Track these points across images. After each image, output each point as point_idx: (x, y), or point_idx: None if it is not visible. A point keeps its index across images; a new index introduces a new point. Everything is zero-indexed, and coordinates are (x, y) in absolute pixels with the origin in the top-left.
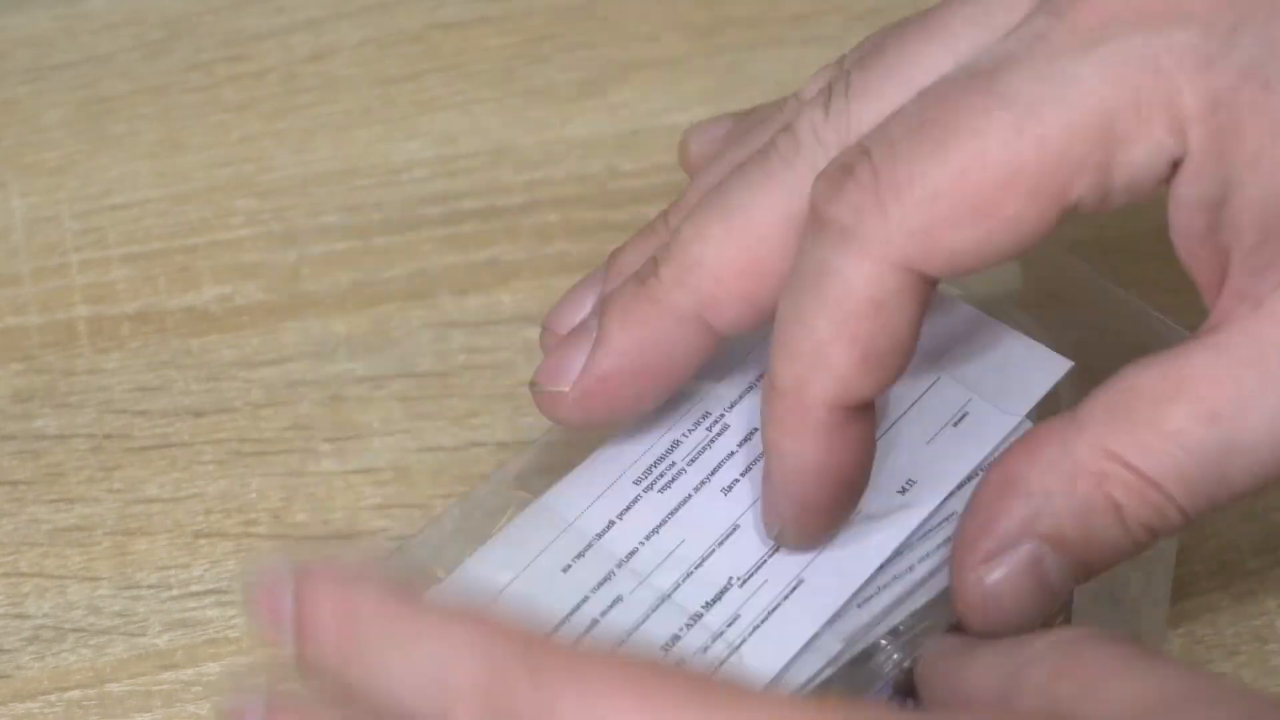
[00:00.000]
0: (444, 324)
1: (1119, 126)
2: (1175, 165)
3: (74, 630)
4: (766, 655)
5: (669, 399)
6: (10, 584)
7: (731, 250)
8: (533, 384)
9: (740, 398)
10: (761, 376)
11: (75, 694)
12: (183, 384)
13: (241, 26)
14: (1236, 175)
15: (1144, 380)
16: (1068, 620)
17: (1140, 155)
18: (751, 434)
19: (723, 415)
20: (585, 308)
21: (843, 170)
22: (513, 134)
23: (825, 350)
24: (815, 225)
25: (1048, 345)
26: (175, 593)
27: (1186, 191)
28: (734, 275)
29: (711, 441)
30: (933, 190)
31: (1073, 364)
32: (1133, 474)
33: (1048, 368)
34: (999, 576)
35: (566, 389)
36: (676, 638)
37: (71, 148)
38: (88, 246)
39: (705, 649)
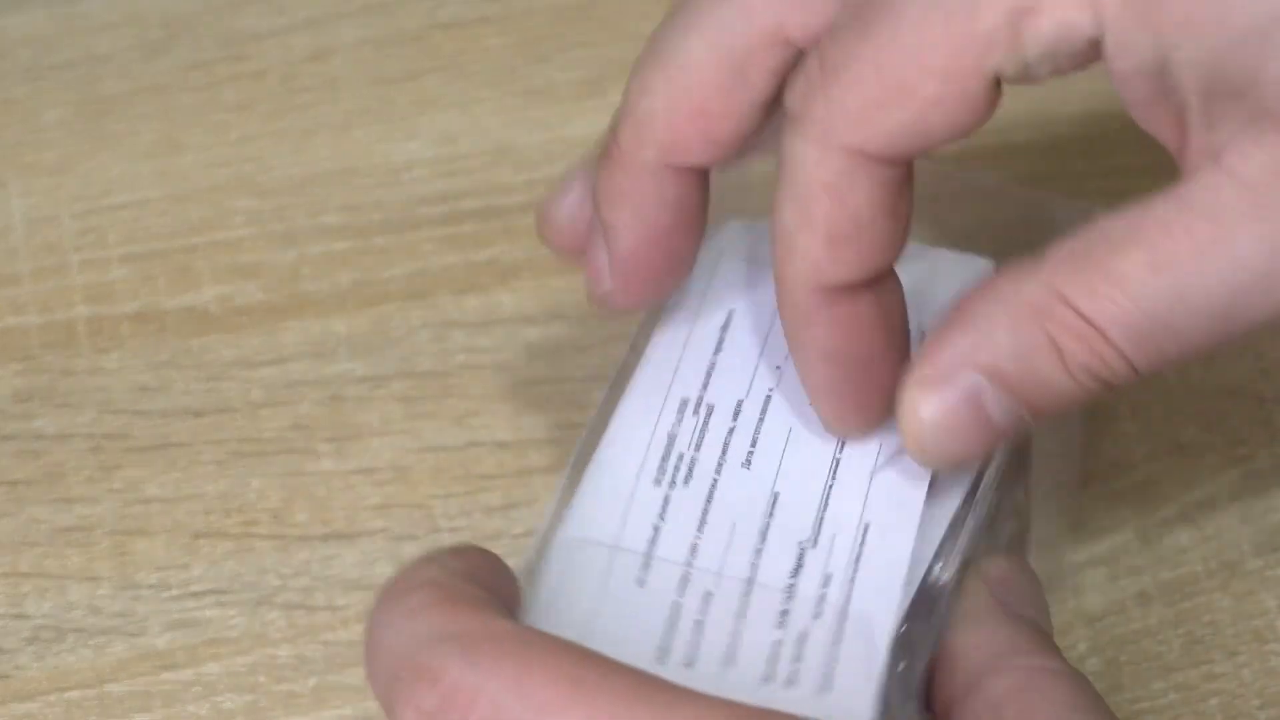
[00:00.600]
0: (444, 324)
1: (1025, 2)
2: (1096, 42)
3: (74, 630)
4: (877, 601)
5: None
6: (10, 584)
7: (676, 97)
8: (589, 297)
9: (709, 375)
10: (717, 351)
11: (75, 694)
12: (183, 384)
13: (241, 26)
14: (1168, 40)
15: (1106, 226)
16: (1027, 475)
17: (1049, 30)
18: (739, 406)
19: (701, 397)
20: (572, 189)
21: (802, 62)
22: (513, 134)
23: (792, 235)
24: (784, 117)
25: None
26: (175, 593)
27: (1120, 65)
28: (685, 121)
29: (704, 424)
30: (858, 75)
31: (992, 261)
32: (1074, 314)
33: (971, 271)
34: (935, 404)
35: (608, 285)
36: (784, 614)
37: (71, 148)
38: (87, 246)
39: (817, 615)
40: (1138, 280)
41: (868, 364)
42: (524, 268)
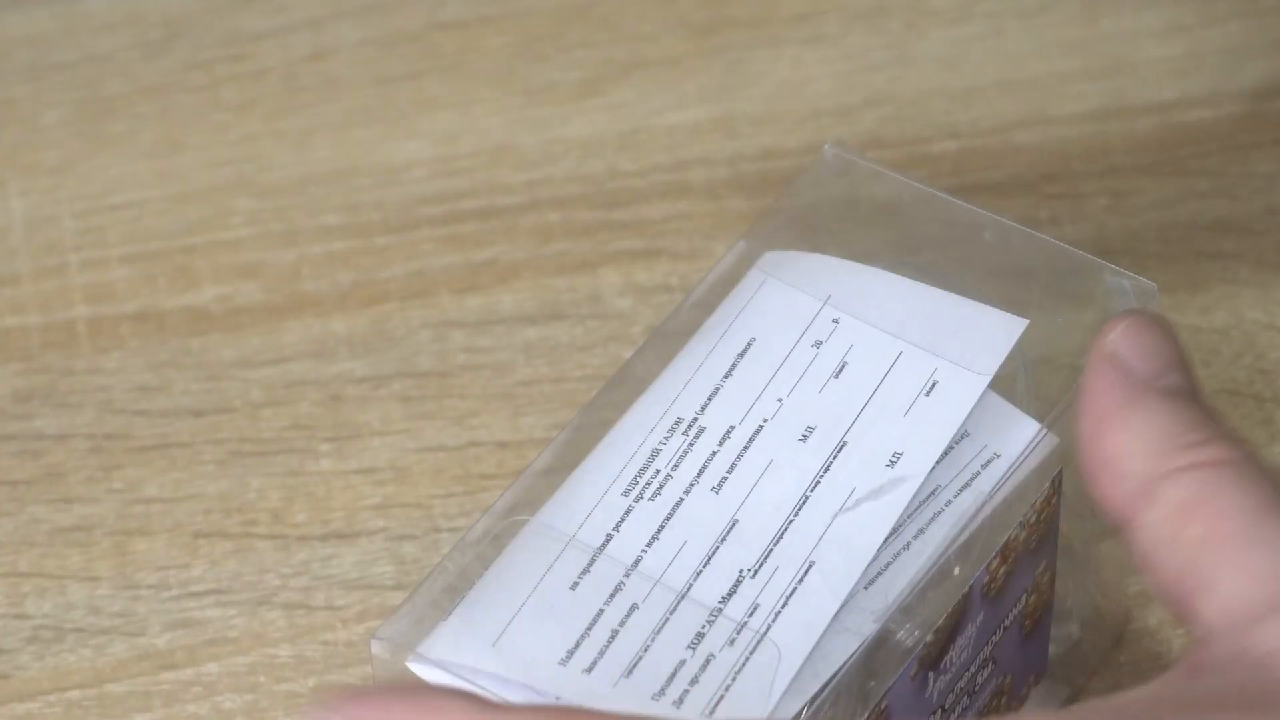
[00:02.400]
0: (444, 324)
1: None
2: None
3: (74, 630)
4: (795, 638)
5: (638, 406)
6: (10, 584)
7: None
8: None
9: (709, 400)
10: (727, 376)
11: (75, 694)
12: (183, 384)
13: (241, 26)
14: None
15: None
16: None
17: None
18: (730, 432)
19: (695, 419)
20: None
21: None
22: (513, 134)
23: None
24: None
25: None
26: (175, 593)
27: None
28: None
29: (690, 445)
30: None
31: (1028, 322)
32: None
33: (1005, 328)
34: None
35: None
36: (700, 635)
37: (71, 147)
38: (87, 246)
39: (731, 641)
40: None
41: None
42: (524, 268)
